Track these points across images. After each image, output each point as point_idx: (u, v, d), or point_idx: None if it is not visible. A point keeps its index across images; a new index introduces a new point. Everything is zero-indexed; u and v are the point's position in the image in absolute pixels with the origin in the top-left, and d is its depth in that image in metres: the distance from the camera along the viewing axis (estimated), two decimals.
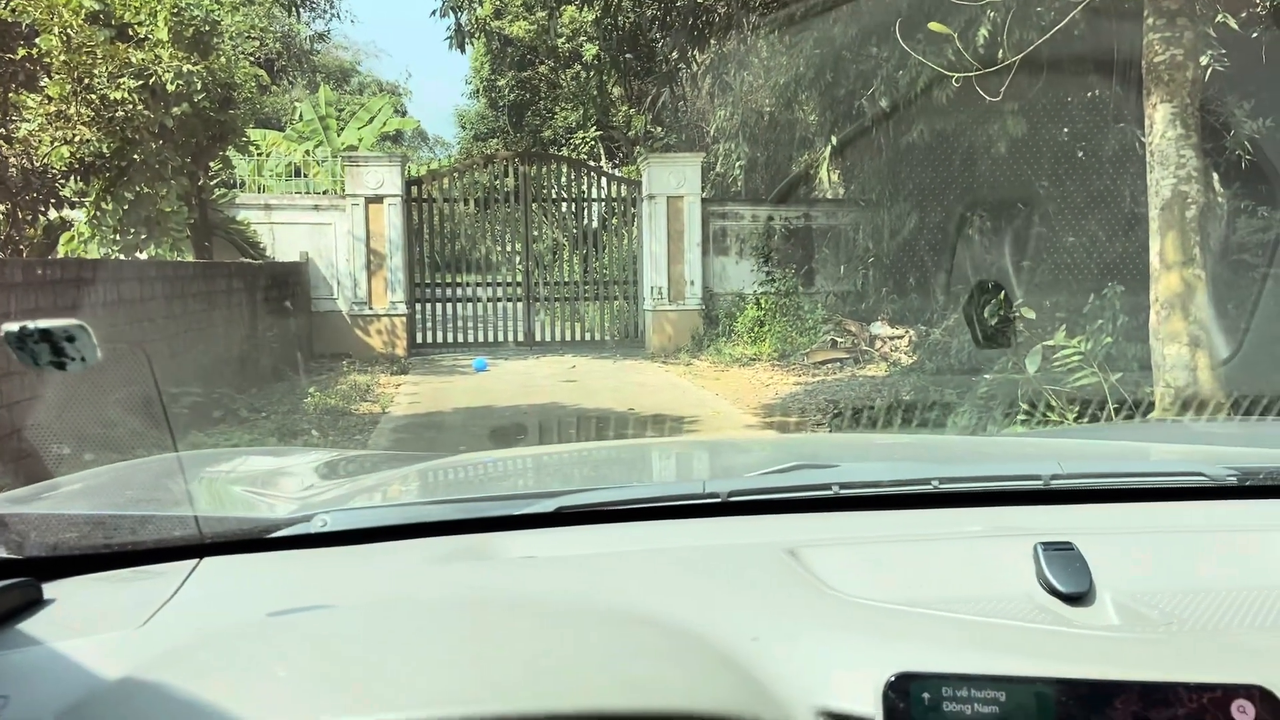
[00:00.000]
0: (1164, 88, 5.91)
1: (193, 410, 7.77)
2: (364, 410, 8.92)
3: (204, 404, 8.03)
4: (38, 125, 8.30)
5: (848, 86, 10.57)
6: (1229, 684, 0.73)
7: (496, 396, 9.46)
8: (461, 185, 13.64)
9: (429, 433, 7.96)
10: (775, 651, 0.84)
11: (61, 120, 8.36)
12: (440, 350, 12.98)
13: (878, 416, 7.50)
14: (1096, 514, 1.16)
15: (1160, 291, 5.84)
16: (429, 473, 1.62)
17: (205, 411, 7.94)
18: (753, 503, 1.18)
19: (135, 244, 8.99)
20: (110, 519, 1.14)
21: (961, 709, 0.74)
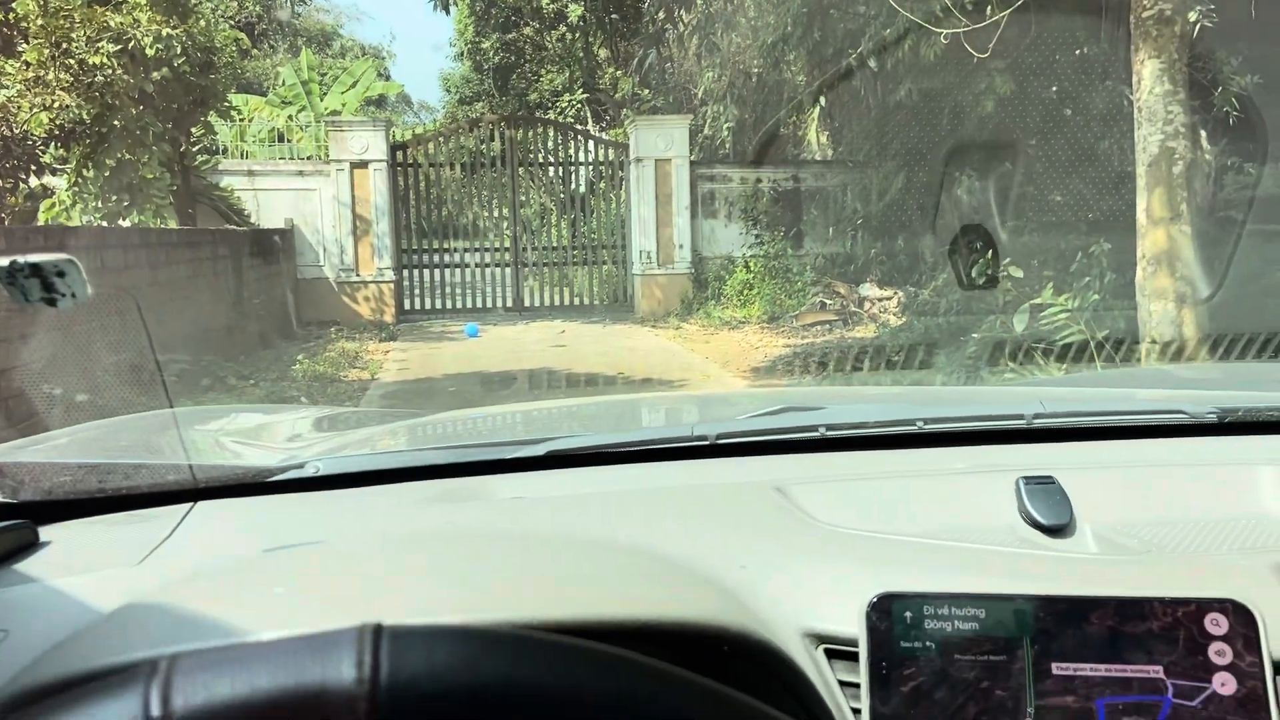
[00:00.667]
0: (1152, 43, 5.89)
1: (180, 378, 7.74)
2: (353, 377, 8.91)
3: (192, 372, 8.00)
4: (16, 91, 8.19)
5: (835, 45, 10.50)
6: (1202, 598, 0.75)
7: (486, 362, 9.45)
8: (447, 150, 13.52)
9: (419, 399, 7.95)
10: (762, 579, 0.85)
11: (40, 86, 8.25)
12: (429, 316, 12.94)
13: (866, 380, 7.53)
14: (1079, 451, 1.18)
15: (1147, 248, 5.86)
16: (420, 426, 1.63)
17: (193, 380, 7.91)
18: (741, 445, 1.19)
19: (118, 211, 8.91)
20: (105, 466, 1.15)
21: (942, 626, 0.76)
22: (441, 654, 0.37)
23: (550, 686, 0.37)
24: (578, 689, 0.38)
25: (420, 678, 0.36)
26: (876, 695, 0.74)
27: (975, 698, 0.73)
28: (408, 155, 13.06)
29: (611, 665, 0.39)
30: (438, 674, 0.36)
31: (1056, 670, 0.74)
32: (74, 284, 0.86)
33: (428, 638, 0.37)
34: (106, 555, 0.96)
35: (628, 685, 0.38)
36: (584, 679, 0.38)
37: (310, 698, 0.35)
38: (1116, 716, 0.72)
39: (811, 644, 0.79)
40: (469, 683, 0.36)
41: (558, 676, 0.38)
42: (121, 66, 8.44)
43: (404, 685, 0.36)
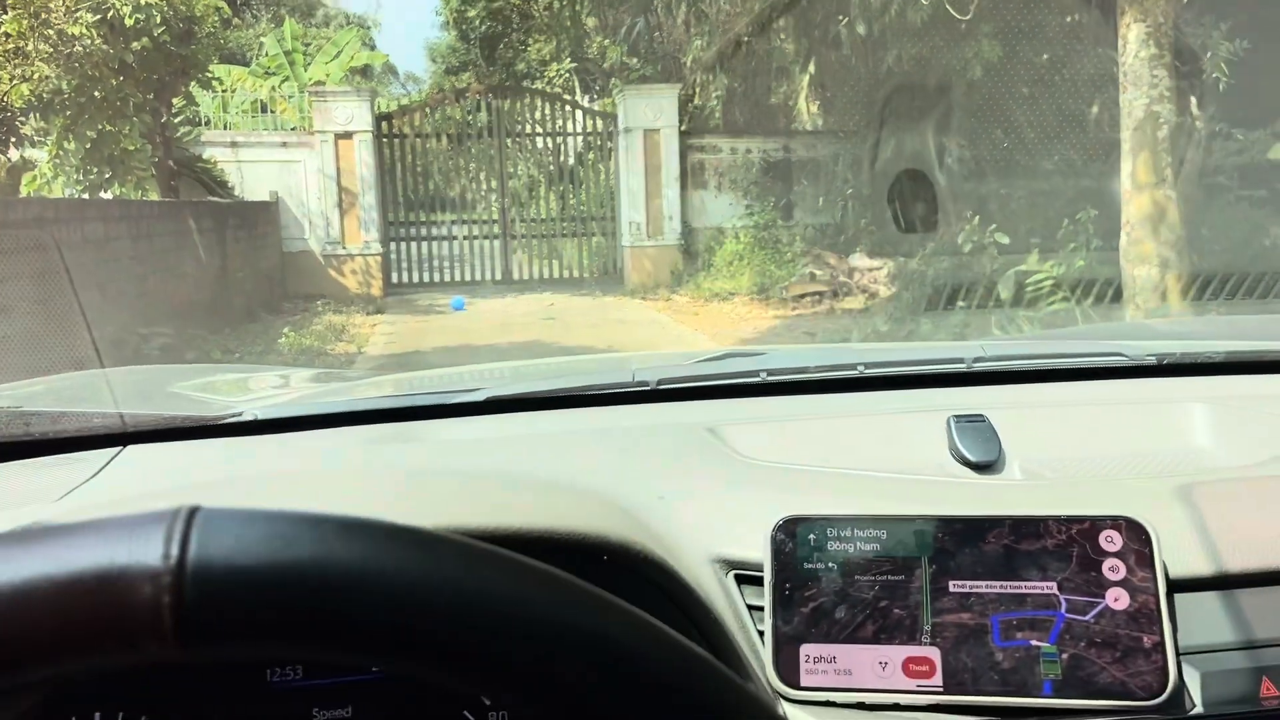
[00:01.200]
0: (1138, 5, 5.84)
1: (164, 351, 7.72)
2: (340, 350, 8.88)
3: (176, 345, 7.97)
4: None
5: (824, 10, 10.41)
6: (1097, 515, 0.75)
7: (474, 335, 9.43)
8: (434, 121, 13.40)
9: (406, 371, 7.94)
10: (677, 507, 0.85)
11: (19, 57, 8.15)
12: (416, 290, 12.88)
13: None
14: (1015, 392, 1.17)
15: (1131, 213, 5.85)
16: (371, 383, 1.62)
17: (178, 353, 7.88)
18: (682, 390, 1.18)
19: (99, 183, 8.84)
20: (30, 412, 1.14)
21: (844, 547, 0.76)
22: (254, 532, 0.36)
23: (360, 563, 0.37)
24: (388, 567, 0.37)
25: (230, 553, 0.35)
26: (780, 615, 0.75)
27: (875, 615, 0.74)
28: (393, 126, 12.95)
29: (429, 545, 0.38)
30: (249, 551, 0.36)
31: (953, 588, 0.74)
32: None
33: (243, 519, 0.37)
34: (27, 494, 0.95)
35: (446, 565, 0.38)
36: (396, 558, 0.37)
37: (115, 573, 0.35)
38: (1010, 631, 0.73)
39: (721, 570, 0.80)
40: (279, 559, 0.36)
41: (370, 555, 0.37)
42: (101, 36, 8.33)
43: (211, 560, 0.35)
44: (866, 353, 1.43)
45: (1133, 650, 0.71)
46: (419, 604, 0.37)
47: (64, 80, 8.18)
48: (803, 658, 0.73)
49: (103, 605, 0.34)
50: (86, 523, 0.37)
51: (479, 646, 0.37)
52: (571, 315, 10.80)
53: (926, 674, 0.72)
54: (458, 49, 20.46)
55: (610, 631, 0.39)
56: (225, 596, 0.35)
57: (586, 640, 0.38)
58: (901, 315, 9.07)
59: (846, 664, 0.73)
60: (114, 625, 0.34)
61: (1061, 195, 9.08)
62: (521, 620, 0.38)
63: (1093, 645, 0.71)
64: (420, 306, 11.76)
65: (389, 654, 0.37)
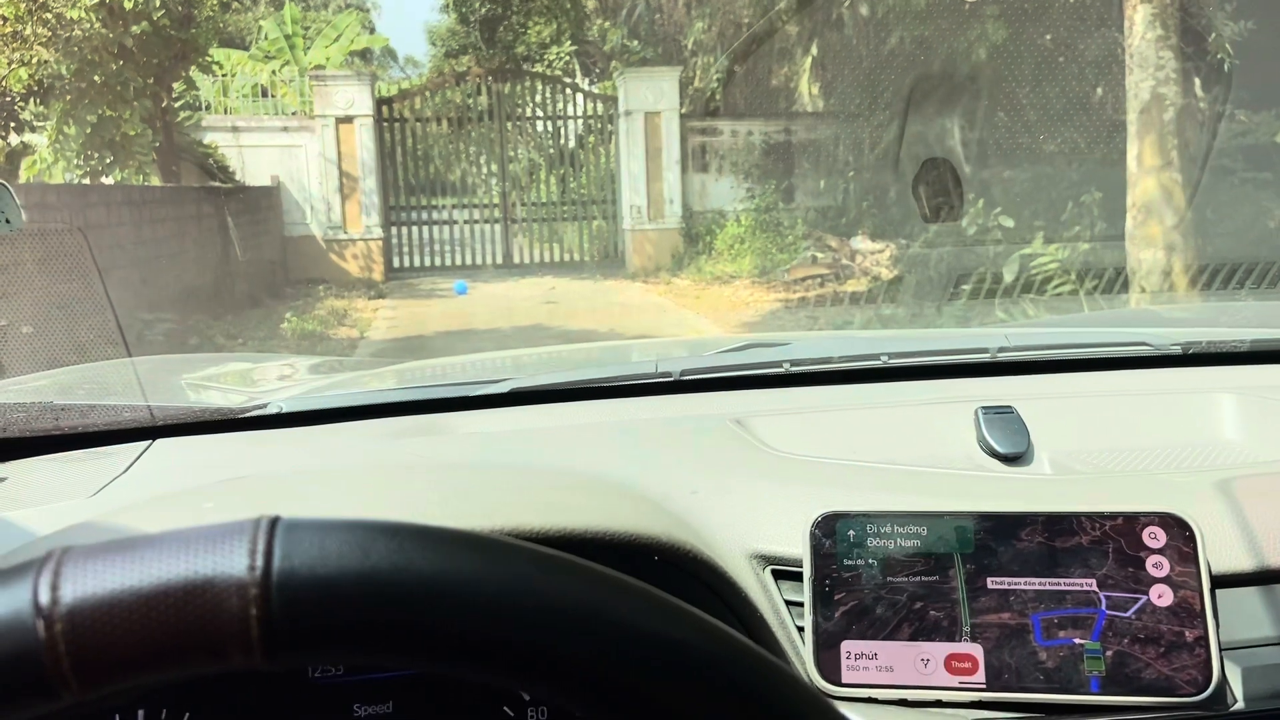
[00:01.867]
0: None
1: (168, 337, 7.71)
2: (342, 335, 8.88)
3: (179, 331, 7.96)
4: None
5: None
6: (1140, 511, 0.75)
7: (476, 320, 9.43)
8: (434, 104, 13.34)
9: (409, 356, 7.93)
10: (712, 502, 0.85)
11: (18, 41, 8.11)
12: (417, 274, 12.85)
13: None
14: (1041, 382, 1.17)
15: (1137, 196, 5.83)
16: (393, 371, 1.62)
17: (181, 339, 7.88)
18: (705, 381, 1.17)
19: (100, 168, 8.82)
20: (60, 405, 1.14)
21: (884, 544, 0.76)
22: (334, 542, 0.36)
23: (440, 570, 0.37)
24: (467, 575, 0.37)
25: (313, 564, 0.36)
26: (819, 612, 0.75)
27: (915, 612, 0.74)
28: (394, 110, 12.89)
29: (506, 553, 0.39)
30: (330, 561, 0.36)
31: (992, 584, 0.74)
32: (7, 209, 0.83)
33: (323, 529, 0.37)
34: (60, 489, 0.95)
35: (521, 569, 0.38)
36: (474, 566, 0.37)
37: (202, 583, 0.35)
38: (1052, 630, 0.73)
39: (759, 565, 0.80)
40: (360, 569, 0.36)
41: (447, 561, 0.37)
42: (100, 20, 8.29)
43: (295, 571, 0.35)
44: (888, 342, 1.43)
45: (1176, 646, 0.71)
46: (498, 612, 0.37)
47: (63, 64, 8.14)
48: (844, 654, 0.74)
49: (190, 618, 0.35)
50: (169, 533, 0.37)
51: (558, 656, 0.37)
52: (572, 299, 10.79)
53: (969, 671, 0.72)
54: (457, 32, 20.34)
55: (690, 640, 0.39)
56: (309, 607, 0.35)
57: (668, 650, 0.38)
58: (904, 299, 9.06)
59: (888, 661, 0.73)
60: (201, 637, 0.35)
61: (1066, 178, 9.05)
62: (601, 629, 0.38)
63: (1136, 641, 0.72)
64: (421, 291, 11.75)
65: (468, 662, 0.37)
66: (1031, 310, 6.50)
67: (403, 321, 9.55)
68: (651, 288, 11.65)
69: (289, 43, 15.40)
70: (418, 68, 27.68)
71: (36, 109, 8.66)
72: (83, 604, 0.34)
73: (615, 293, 11.33)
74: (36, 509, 0.88)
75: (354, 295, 11.06)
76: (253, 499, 0.81)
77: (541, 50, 17.03)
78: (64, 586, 0.34)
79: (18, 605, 0.34)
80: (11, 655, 0.33)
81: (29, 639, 0.34)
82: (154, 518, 0.74)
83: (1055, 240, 7.09)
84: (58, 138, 8.69)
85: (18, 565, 0.35)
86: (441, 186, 14.15)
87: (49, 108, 8.57)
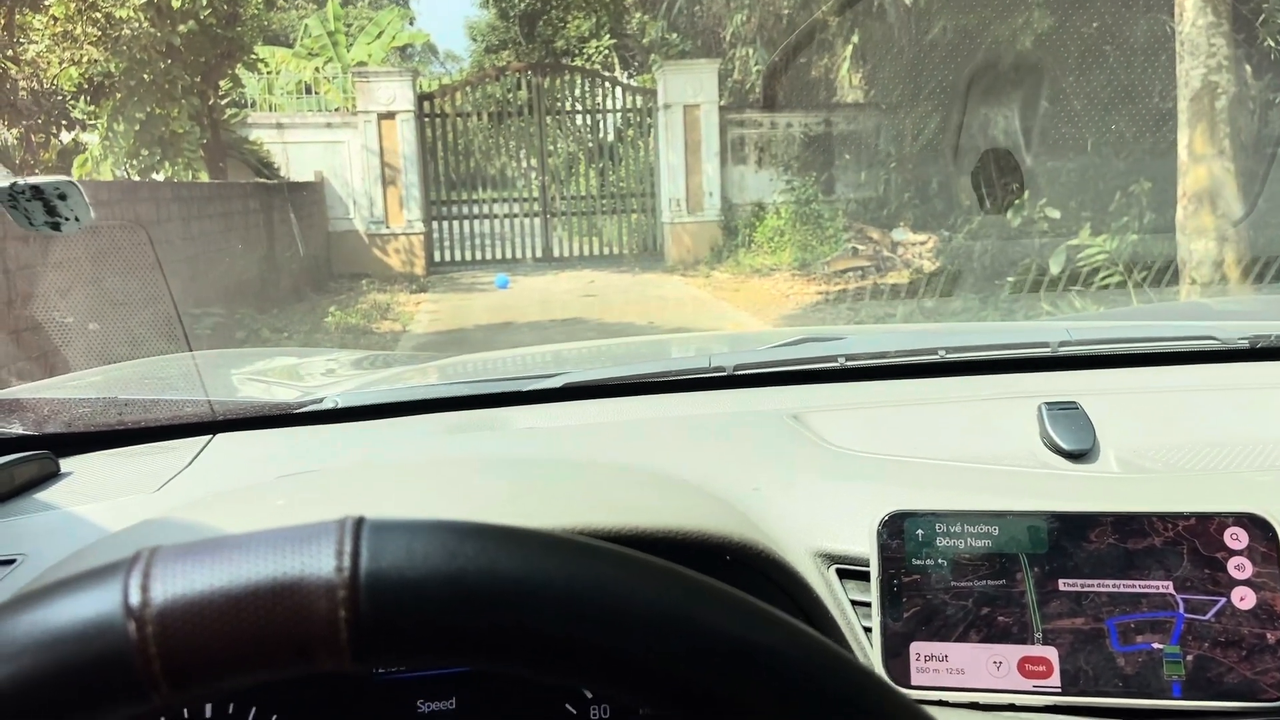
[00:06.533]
0: None
1: (215, 331, 7.84)
2: (385, 329, 8.97)
3: (226, 325, 8.09)
4: (45, 46, 8.22)
5: None
6: (1222, 512, 0.73)
7: (516, 313, 9.47)
8: (474, 99, 13.41)
9: (451, 349, 7.99)
10: (775, 499, 0.84)
11: (68, 41, 8.27)
12: (458, 268, 12.94)
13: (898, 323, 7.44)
14: (1104, 377, 1.14)
15: (1188, 185, 5.71)
16: (441, 365, 1.63)
17: (228, 332, 8.00)
18: (760, 376, 1.17)
19: (150, 165, 8.97)
20: (124, 400, 1.16)
21: (954, 543, 0.75)
22: (420, 544, 0.36)
23: (527, 573, 0.36)
24: (555, 578, 0.36)
25: (401, 566, 0.35)
26: (888, 613, 0.74)
27: (985, 614, 0.73)
28: (434, 105, 12.98)
29: (593, 555, 0.38)
30: (417, 562, 0.35)
31: (1064, 586, 0.73)
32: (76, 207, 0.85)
33: (408, 529, 0.36)
34: (125, 484, 0.97)
35: (609, 572, 0.38)
36: (561, 568, 0.37)
37: (290, 585, 0.34)
38: (1129, 634, 0.71)
39: (824, 564, 0.79)
40: (448, 570, 0.36)
41: (533, 563, 0.37)
42: (148, 20, 8.43)
43: (383, 573, 0.35)
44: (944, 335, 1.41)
45: (1259, 649, 0.69)
46: (585, 616, 0.37)
47: (112, 63, 8.29)
48: (913, 656, 0.73)
49: (279, 620, 0.34)
50: (257, 534, 0.37)
51: (648, 661, 0.37)
52: (612, 292, 10.80)
53: (1043, 674, 0.71)
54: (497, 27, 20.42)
55: (781, 647, 0.39)
56: (398, 609, 0.35)
57: (759, 656, 0.38)
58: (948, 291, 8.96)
59: (959, 663, 0.72)
60: (290, 640, 0.34)
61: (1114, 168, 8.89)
62: (690, 634, 0.37)
63: (1217, 645, 0.70)
64: (462, 284, 11.82)
65: (556, 666, 0.37)
66: (1079, 303, 6.41)
67: (444, 315, 9.62)
68: (690, 281, 11.63)
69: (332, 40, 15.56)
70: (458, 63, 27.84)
71: (87, 107, 8.83)
72: (174, 605, 0.34)
73: (654, 286, 11.33)
74: (103, 504, 0.90)
75: (396, 289, 11.17)
76: (324, 496, 0.82)
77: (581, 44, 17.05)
78: (154, 587, 0.34)
79: (109, 606, 0.34)
80: (103, 657, 0.33)
81: (120, 640, 0.33)
82: (229, 515, 0.75)
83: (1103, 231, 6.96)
84: (108, 135, 8.85)
85: (107, 566, 0.35)
86: (482, 181, 14.22)
87: (99, 106, 8.73)
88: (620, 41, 16.61)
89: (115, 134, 8.82)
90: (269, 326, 8.62)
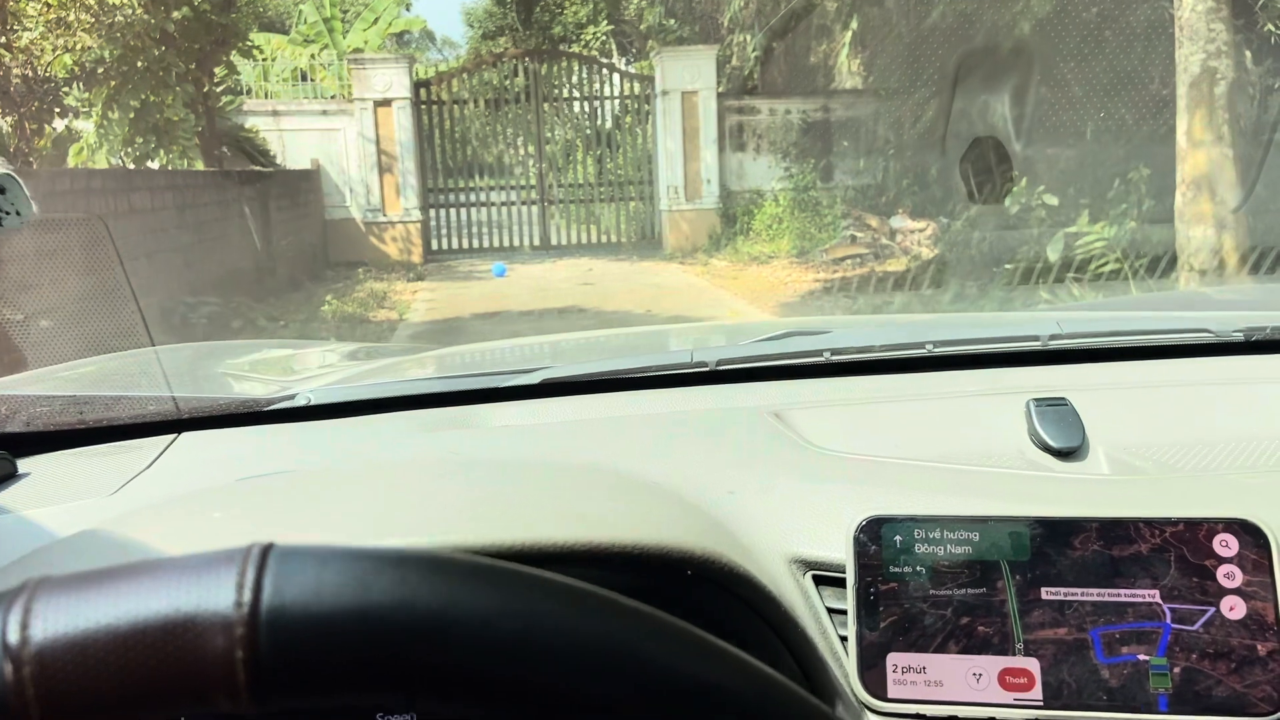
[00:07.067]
0: None
1: (211, 320, 7.82)
2: (382, 317, 8.94)
3: (222, 314, 8.07)
4: (39, 34, 8.16)
5: None
6: (1211, 517, 0.70)
7: (513, 301, 9.45)
8: (471, 86, 13.34)
9: (448, 338, 7.97)
10: (751, 503, 0.82)
11: (62, 28, 8.21)
12: (455, 256, 12.90)
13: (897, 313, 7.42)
14: (1096, 372, 1.11)
15: (1187, 171, 5.68)
16: (420, 359, 1.61)
17: (224, 321, 7.98)
18: (743, 371, 1.15)
19: (144, 153, 8.92)
20: (85, 398, 1.14)
21: (933, 550, 0.72)
22: (331, 574, 0.33)
23: (446, 605, 0.34)
24: (478, 609, 0.34)
25: (307, 600, 0.33)
26: (864, 622, 0.71)
27: (966, 624, 0.70)
28: (431, 92, 12.92)
29: (522, 584, 0.36)
30: (325, 595, 0.33)
31: (1047, 595, 0.70)
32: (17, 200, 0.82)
33: (318, 558, 0.34)
34: (83, 485, 0.94)
35: (538, 604, 0.35)
36: (486, 599, 0.34)
37: (183, 621, 0.32)
38: (1114, 646, 0.68)
39: (799, 570, 0.76)
40: (359, 604, 0.33)
41: (455, 596, 0.34)
42: (142, 6, 8.37)
43: (287, 607, 0.32)
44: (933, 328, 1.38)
45: (1248, 661, 0.67)
46: (509, 652, 0.34)
47: (106, 50, 8.23)
48: (889, 667, 0.70)
49: (170, 659, 0.32)
50: (151, 563, 0.34)
51: (576, 699, 0.35)
52: (609, 280, 10.77)
53: (1025, 687, 0.68)
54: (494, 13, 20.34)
55: (723, 681, 0.36)
56: (301, 647, 0.32)
57: (697, 692, 0.36)
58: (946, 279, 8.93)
59: (937, 675, 0.69)
60: (182, 680, 0.32)
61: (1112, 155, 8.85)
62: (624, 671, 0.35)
63: (1205, 657, 0.67)
64: (460, 273, 11.79)
65: (476, 705, 0.34)
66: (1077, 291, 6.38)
67: (441, 304, 9.60)
68: (688, 269, 11.60)
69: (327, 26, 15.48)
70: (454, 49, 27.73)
71: (81, 95, 8.77)
72: (53, 644, 0.31)
73: (652, 274, 11.30)
74: (59, 506, 0.87)
75: (393, 277, 11.13)
76: (265, 506, 0.79)
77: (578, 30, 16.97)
78: (34, 624, 0.32)
79: None
80: None
81: None
82: (155, 531, 0.72)
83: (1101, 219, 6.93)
84: (102, 123, 8.80)
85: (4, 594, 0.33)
86: (479, 168, 14.18)
87: (93, 93, 8.67)
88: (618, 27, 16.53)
89: (110, 122, 8.77)
90: (265, 316, 8.59)
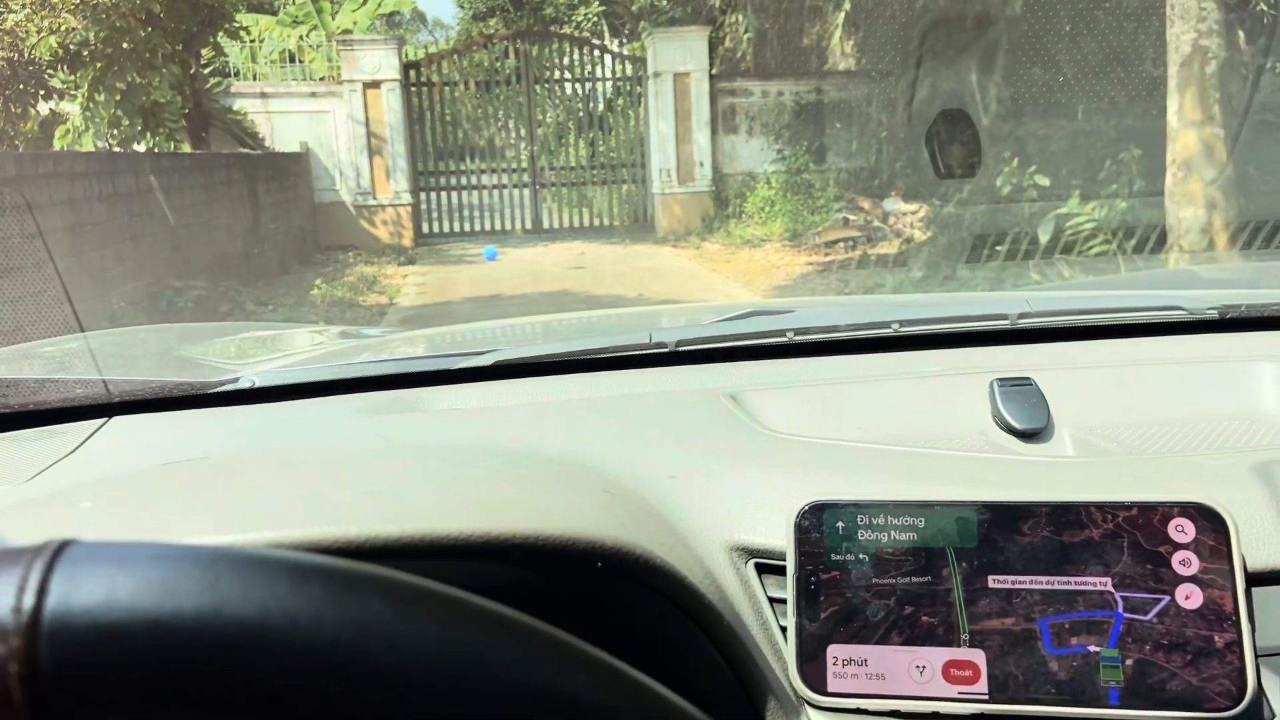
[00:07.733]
0: None
1: (198, 304, 7.77)
2: (372, 301, 8.90)
3: (209, 298, 8.02)
4: (23, 15, 8.08)
5: None
6: (1167, 501, 0.66)
7: (504, 285, 9.41)
8: (462, 68, 13.25)
9: (437, 322, 7.93)
10: (693, 488, 0.79)
11: (46, 9, 8.12)
12: (447, 240, 12.84)
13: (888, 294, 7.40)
14: (1064, 351, 1.09)
15: (1177, 151, 5.66)
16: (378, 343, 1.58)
17: (211, 305, 7.93)
18: (703, 352, 1.12)
19: (131, 136, 8.85)
20: (8, 381, 1.10)
21: (877, 536, 0.69)
22: (129, 577, 0.30)
23: (265, 611, 0.31)
24: (300, 614, 0.31)
25: (96, 606, 0.30)
26: (804, 613, 0.68)
27: (909, 614, 0.67)
28: (421, 74, 12.82)
29: (352, 583, 0.32)
30: (119, 601, 0.30)
31: (994, 584, 0.67)
32: None
33: (117, 558, 0.31)
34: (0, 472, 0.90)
35: (370, 606, 0.32)
36: (311, 602, 0.31)
37: None
38: (1063, 636, 0.65)
39: (740, 558, 0.73)
40: (157, 610, 0.30)
41: (274, 600, 0.31)
42: None
43: (73, 615, 0.29)
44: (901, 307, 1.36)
45: (1205, 652, 0.63)
46: (339, 664, 0.31)
47: (91, 31, 8.14)
48: (830, 659, 0.67)
49: None
50: None
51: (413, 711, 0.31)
52: (601, 264, 10.73)
53: (969, 680, 0.66)
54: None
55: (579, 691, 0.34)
56: (88, 659, 0.29)
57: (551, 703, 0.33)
58: (937, 261, 8.91)
59: (879, 667, 0.67)
60: None
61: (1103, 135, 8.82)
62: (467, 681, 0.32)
63: (1159, 648, 0.64)
64: (451, 256, 11.74)
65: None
66: (1067, 271, 6.37)
67: (432, 288, 9.56)
68: (681, 252, 11.56)
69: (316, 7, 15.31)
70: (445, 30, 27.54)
71: (66, 77, 8.69)
72: None
73: (644, 257, 11.26)
74: None
75: (384, 261, 11.08)
76: (141, 497, 0.75)
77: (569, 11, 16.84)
78: None
79: None
80: None
81: None
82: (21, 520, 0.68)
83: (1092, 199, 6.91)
84: (89, 106, 8.72)
85: None
86: (470, 151, 14.09)
87: (79, 76, 8.59)
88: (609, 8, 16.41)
89: (96, 104, 8.69)
90: (253, 300, 8.55)
